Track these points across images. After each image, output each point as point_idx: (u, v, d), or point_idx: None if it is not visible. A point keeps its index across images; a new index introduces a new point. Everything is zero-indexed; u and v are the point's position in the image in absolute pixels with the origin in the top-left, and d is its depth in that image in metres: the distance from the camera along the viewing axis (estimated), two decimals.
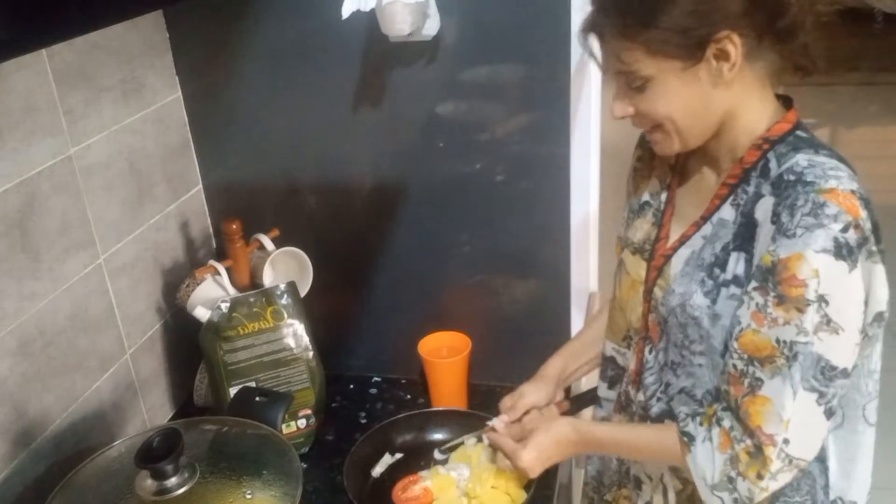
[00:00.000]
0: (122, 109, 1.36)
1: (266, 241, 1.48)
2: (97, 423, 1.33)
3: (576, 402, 1.47)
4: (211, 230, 1.64)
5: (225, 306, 1.39)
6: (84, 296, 1.29)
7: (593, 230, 1.51)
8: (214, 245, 1.64)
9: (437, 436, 1.44)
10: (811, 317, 0.92)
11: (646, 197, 1.18)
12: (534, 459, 1.15)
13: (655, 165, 1.18)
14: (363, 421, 1.53)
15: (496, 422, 1.27)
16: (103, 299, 1.34)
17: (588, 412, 1.44)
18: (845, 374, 0.96)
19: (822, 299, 0.92)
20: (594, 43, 1.02)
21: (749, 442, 0.97)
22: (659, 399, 1.12)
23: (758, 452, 0.97)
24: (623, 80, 0.99)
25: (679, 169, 1.14)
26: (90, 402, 1.32)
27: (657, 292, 1.09)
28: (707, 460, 1.01)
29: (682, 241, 1.07)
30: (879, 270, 0.95)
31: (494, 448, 1.27)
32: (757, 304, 0.95)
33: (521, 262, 1.51)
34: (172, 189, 1.51)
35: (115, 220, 1.36)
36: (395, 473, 1.38)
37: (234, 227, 1.42)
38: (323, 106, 1.46)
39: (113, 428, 1.38)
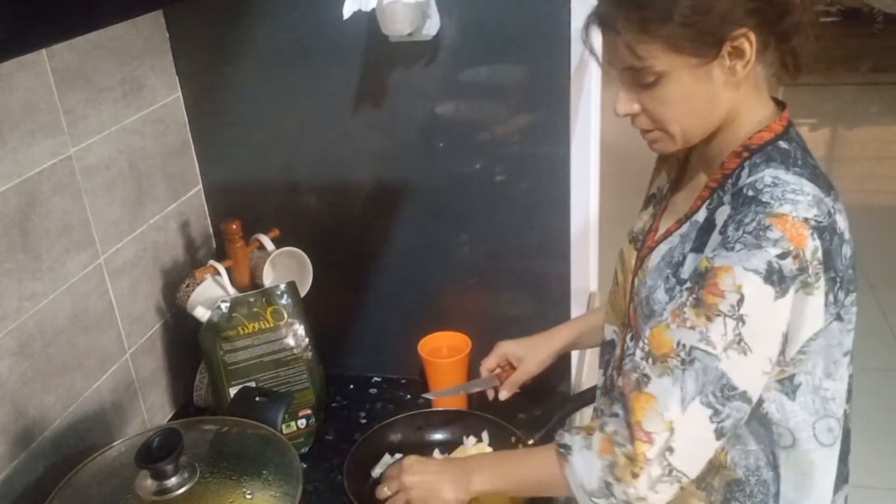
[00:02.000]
0: (122, 109, 1.36)
1: (266, 241, 1.48)
2: (97, 423, 1.33)
3: (574, 401, 1.47)
4: (211, 230, 1.64)
5: (225, 306, 1.39)
6: (84, 296, 1.29)
7: (593, 230, 1.51)
8: (214, 245, 1.64)
9: (437, 436, 1.44)
10: (719, 329, 0.91)
11: (654, 189, 1.19)
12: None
13: (668, 159, 1.18)
14: (363, 421, 1.53)
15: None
16: (103, 299, 1.34)
17: (588, 410, 1.44)
18: (744, 397, 0.94)
19: (740, 319, 0.91)
20: (596, 37, 1.01)
21: (629, 446, 0.95)
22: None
23: (633, 451, 0.95)
24: (631, 76, 0.98)
25: (681, 165, 1.15)
26: (90, 402, 1.32)
27: (637, 282, 1.10)
28: (585, 467, 0.99)
29: (665, 236, 1.08)
30: (813, 305, 0.93)
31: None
32: (679, 303, 0.95)
33: (520, 262, 1.51)
34: (172, 189, 1.51)
35: (115, 220, 1.36)
36: None
37: (234, 227, 1.42)
38: (323, 106, 1.46)
39: (113, 428, 1.38)
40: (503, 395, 1.36)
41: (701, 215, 1.02)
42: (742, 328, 0.91)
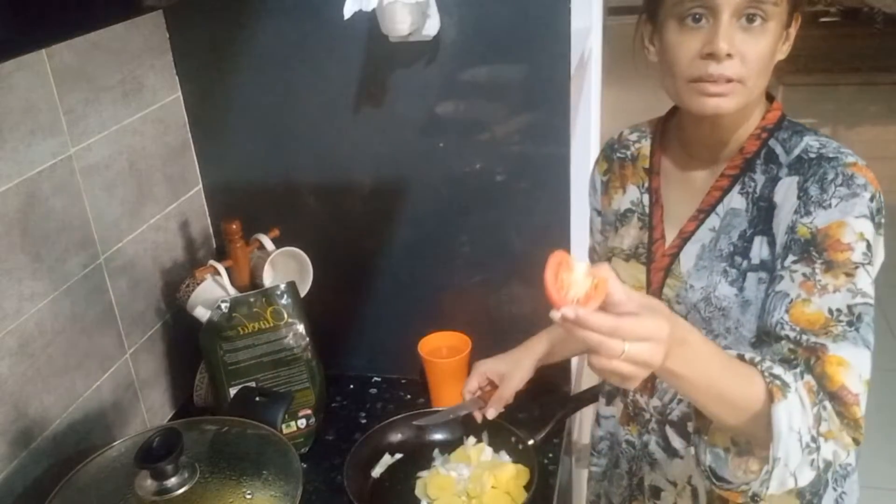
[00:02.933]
0: (122, 109, 1.36)
1: (266, 241, 1.48)
2: (97, 423, 1.33)
3: (574, 401, 1.47)
4: (211, 230, 1.64)
5: (225, 306, 1.39)
6: (84, 296, 1.29)
7: None
8: (214, 245, 1.64)
9: (437, 436, 1.44)
10: (864, 279, 0.94)
11: (626, 205, 1.17)
12: (627, 359, 0.79)
13: (626, 175, 1.17)
14: (363, 421, 1.53)
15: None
16: (103, 299, 1.34)
17: (588, 410, 1.44)
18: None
19: (871, 262, 0.95)
20: None
21: (839, 407, 0.89)
22: (680, 400, 1.10)
23: (847, 414, 0.89)
24: (739, 14, 0.94)
25: (657, 171, 1.14)
26: (90, 402, 1.32)
27: (668, 293, 1.08)
28: (801, 415, 0.86)
29: (684, 237, 1.07)
30: (881, 240, 0.99)
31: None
32: (804, 274, 0.94)
33: (520, 262, 1.51)
34: (172, 189, 1.51)
35: (115, 220, 1.36)
36: (395, 473, 1.38)
37: (234, 227, 1.42)
38: (323, 106, 1.46)
39: (113, 428, 1.38)
40: (490, 413, 1.34)
41: (737, 202, 1.03)
42: (870, 269, 0.95)
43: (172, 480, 0.99)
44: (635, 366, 0.76)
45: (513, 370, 1.34)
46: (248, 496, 1.01)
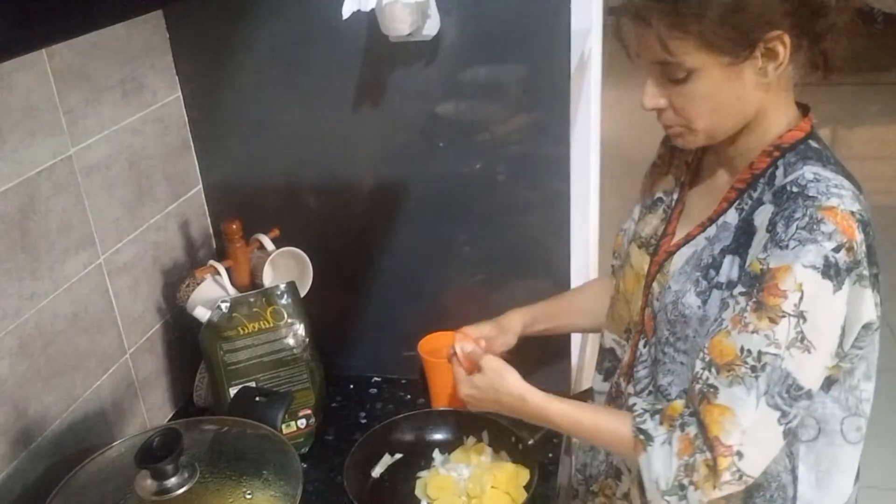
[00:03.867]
0: (122, 109, 1.36)
1: (266, 241, 1.48)
2: (97, 423, 1.33)
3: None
4: (211, 230, 1.64)
5: (225, 306, 1.39)
6: (84, 296, 1.29)
7: (593, 230, 1.51)
8: (214, 245, 1.64)
9: (437, 436, 1.44)
10: (784, 330, 0.91)
11: (659, 193, 1.18)
12: (471, 397, 1.19)
13: (674, 164, 1.17)
14: (363, 421, 1.53)
15: (458, 346, 1.28)
16: (103, 299, 1.34)
17: None
18: (809, 396, 0.95)
19: (801, 315, 0.90)
20: (625, 27, 0.99)
21: (709, 454, 0.95)
22: (650, 393, 1.11)
23: (714, 465, 0.94)
24: (661, 70, 0.97)
25: (694, 168, 1.14)
26: (90, 402, 1.32)
27: (655, 287, 1.10)
28: (664, 465, 0.98)
29: (687, 239, 1.07)
30: (868, 297, 0.93)
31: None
32: (737, 308, 0.94)
33: (521, 262, 1.51)
34: (172, 189, 1.51)
35: (115, 220, 1.36)
36: (395, 473, 1.38)
37: (234, 227, 1.42)
38: (323, 106, 1.46)
39: (113, 428, 1.38)
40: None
41: (731, 216, 1.02)
42: (803, 325, 0.91)
43: (172, 480, 0.99)
44: (475, 400, 1.19)
45: (497, 335, 1.33)
46: (248, 496, 1.01)
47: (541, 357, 1.38)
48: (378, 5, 1.25)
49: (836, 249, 0.89)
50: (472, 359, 1.24)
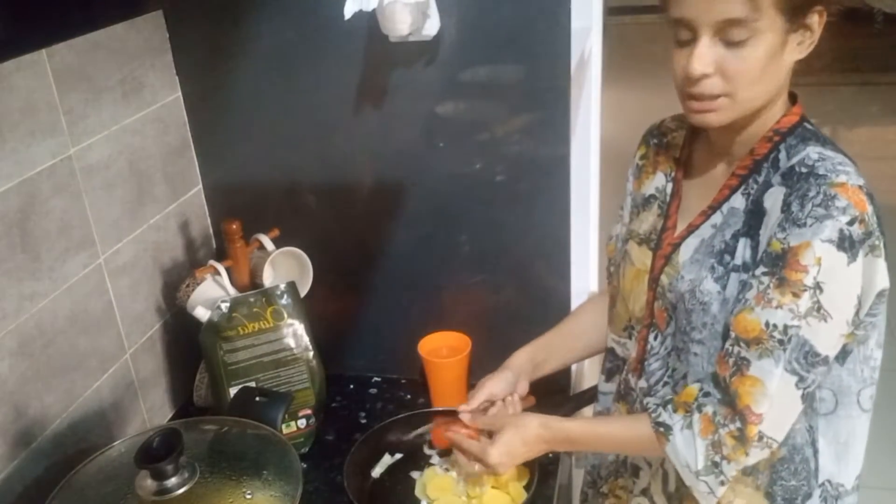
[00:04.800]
0: (122, 109, 1.36)
1: (266, 241, 1.48)
2: (97, 423, 1.33)
3: (574, 401, 1.47)
4: (211, 230, 1.64)
5: (225, 306, 1.39)
6: (84, 296, 1.29)
7: (593, 230, 1.51)
8: (214, 245, 1.64)
9: None
10: (805, 302, 0.95)
11: (651, 191, 1.19)
12: (503, 456, 1.15)
13: (659, 161, 1.19)
14: (363, 421, 1.53)
15: (462, 410, 1.25)
16: (103, 299, 1.34)
17: (588, 410, 1.44)
18: (826, 362, 0.98)
19: (817, 286, 0.94)
20: None
21: (733, 426, 0.99)
22: (666, 384, 1.13)
23: (741, 434, 0.98)
24: (726, 30, 0.94)
25: (684, 161, 1.16)
26: (90, 402, 1.32)
27: (664, 280, 1.11)
28: (689, 448, 1.02)
29: (690, 230, 1.09)
30: (881, 265, 0.97)
31: (457, 449, 1.25)
32: (760, 286, 0.97)
33: (521, 262, 1.51)
34: (172, 189, 1.51)
35: (115, 220, 1.36)
36: (395, 473, 1.38)
37: (234, 227, 1.42)
38: (323, 106, 1.46)
39: (113, 428, 1.38)
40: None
41: (737, 202, 1.04)
42: (820, 295, 0.94)
43: (172, 480, 0.99)
44: (506, 466, 1.18)
45: (486, 382, 1.30)
46: (248, 496, 1.01)
47: None
48: (379, 5, 1.25)
49: (851, 223, 0.93)
50: (475, 427, 1.24)
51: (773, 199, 0.99)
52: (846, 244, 0.93)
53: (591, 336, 1.33)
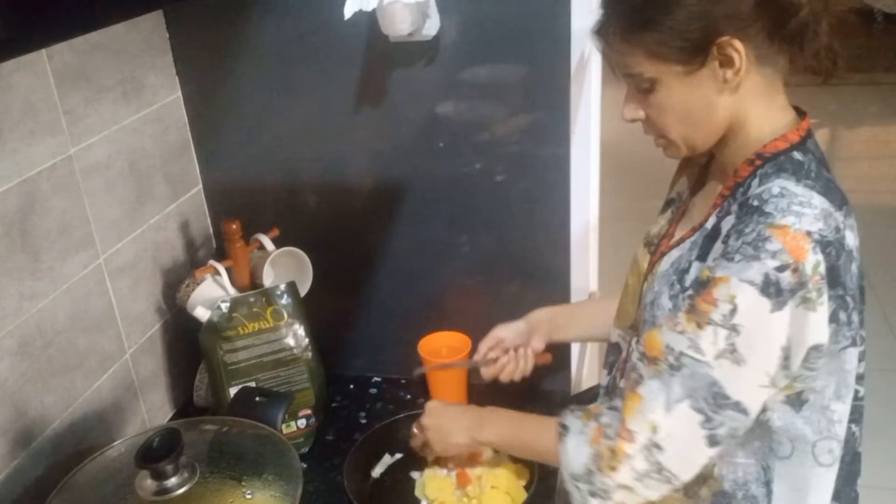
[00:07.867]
0: (122, 109, 1.36)
1: (266, 241, 1.48)
2: (97, 423, 1.33)
3: (574, 401, 1.47)
4: (211, 230, 1.64)
5: (225, 306, 1.39)
6: (84, 296, 1.29)
7: (593, 230, 1.51)
8: (214, 245, 1.64)
9: None
10: (708, 338, 0.91)
11: (673, 194, 1.19)
12: (434, 408, 1.28)
13: (689, 163, 1.17)
14: (363, 421, 1.53)
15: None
16: (103, 299, 1.34)
17: None
18: (739, 407, 0.94)
19: (733, 329, 0.90)
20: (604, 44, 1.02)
21: (611, 441, 1.00)
22: None
23: (613, 449, 0.99)
24: (631, 82, 0.99)
25: (702, 171, 1.14)
26: (90, 402, 1.32)
27: (644, 286, 1.11)
28: (576, 451, 1.03)
29: (679, 243, 1.08)
30: (814, 320, 0.90)
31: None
32: (677, 309, 0.96)
33: (521, 262, 1.51)
34: (172, 189, 1.51)
35: (115, 220, 1.36)
36: (395, 473, 1.38)
37: (234, 227, 1.42)
38: (323, 106, 1.46)
39: (113, 428, 1.38)
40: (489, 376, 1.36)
41: (710, 223, 1.01)
42: (736, 338, 0.90)
43: (172, 480, 0.99)
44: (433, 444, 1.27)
45: (500, 328, 1.36)
46: (248, 496, 1.01)
47: None
48: (379, 5, 1.25)
49: (780, 269, 0.87)
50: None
51: (726, 228, 0.96)
52: (771, 290, 0.88)
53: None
